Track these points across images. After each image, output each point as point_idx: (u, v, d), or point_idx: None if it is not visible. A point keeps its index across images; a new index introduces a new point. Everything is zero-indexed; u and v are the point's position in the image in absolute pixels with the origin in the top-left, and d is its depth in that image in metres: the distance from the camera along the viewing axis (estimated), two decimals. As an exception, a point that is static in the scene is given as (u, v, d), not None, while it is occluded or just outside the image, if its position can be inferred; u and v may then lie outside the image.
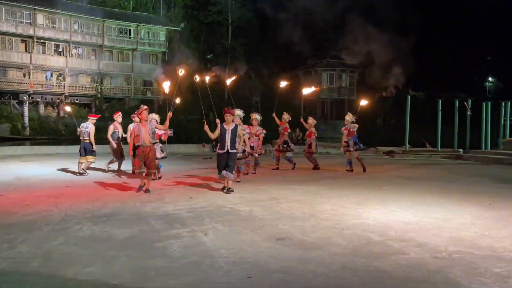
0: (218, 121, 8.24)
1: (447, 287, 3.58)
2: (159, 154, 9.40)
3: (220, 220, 5.86)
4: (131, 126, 9.39)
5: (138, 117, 8.33)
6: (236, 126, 8.15)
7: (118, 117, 11.15)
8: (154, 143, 8.37)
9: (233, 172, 8.20)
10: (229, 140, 7.97)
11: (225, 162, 7.99)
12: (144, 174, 8.02)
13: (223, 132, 8.02)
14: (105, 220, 5.83)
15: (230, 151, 7.97)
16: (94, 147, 10.55)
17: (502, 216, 6.20)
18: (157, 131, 8.62)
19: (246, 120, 10.34)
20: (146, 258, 4.29)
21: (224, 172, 7.97)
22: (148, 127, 8.04)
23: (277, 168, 11.98)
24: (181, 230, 5.35)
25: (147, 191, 7.94)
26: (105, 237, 5.05)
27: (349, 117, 11.78)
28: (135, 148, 7.92)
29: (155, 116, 9.54)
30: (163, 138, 10.07)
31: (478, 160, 15.17)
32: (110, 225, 5.59)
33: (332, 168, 12.43)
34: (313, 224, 5.70)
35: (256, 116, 11.03)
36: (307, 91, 11.59)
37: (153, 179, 8.86)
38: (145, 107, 8.27)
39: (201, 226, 5.55)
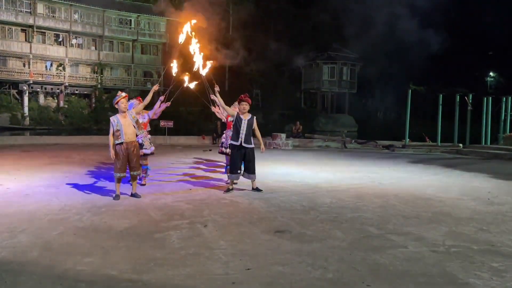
0: (212, 96, 7.78)
1: (444, 281, 3.60)
2: (148, 149, 7.83)
3: (219, 212, 5.87)
4: (111, 120, 6.85)
5: (115, 107, 6.73)
6: (252, 117, 7.40)
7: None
8: (139, 135, 7.16)
9: (255, 172, 7.40)
10: (244, 132, 7.22)
11: (241, 161, 7.33)
12: (120, 180, 6.70)
13: (238, 122, 7.30)
14: (104, 211, 5.85)
15: (244, 145, 7.23)
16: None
17: (500, 211, 6.22)
18: (144, 116, 7.48)
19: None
20: (145, 249, 4.30)
21: (246, 175, 7.37)
22: (129, 117, 6.66)
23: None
24: (180, 221, 5.36)
25: (136, 195, 6.78)
26: (105, 227, 5.07)
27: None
28: (116, 145, 6.59)
29: (134, 101, 7.70)
30: (159, 109, 8.12)
31: (478, 155, 15.17)
32: (109, 215, 5.61)
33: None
34: (312, 217, 5.71)
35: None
36: (192, 84, 8.46)
37: (142, 184, 7.72)
38: (124, 94, 6.82)
39: (200, 217, 5.56)
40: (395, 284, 3.52)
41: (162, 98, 8.04)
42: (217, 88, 7.76)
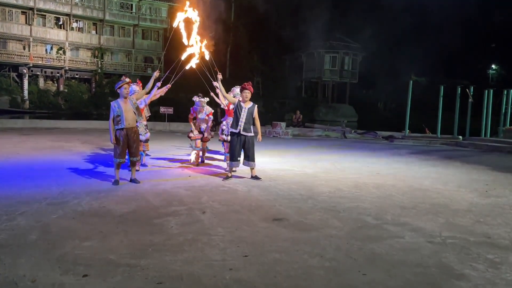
0: (215, 83, 7.82)
1: (440, 271, 3.62)
2: (143, 135, 7.74)
3: (218, 199, 5.89)
4: (112, 104, 6.75)
5: (117, 91, 6.69)
6: (253, 105, 7.38)
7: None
8: (139, 121, 7.09)
9: (254, 159, 7.46)
10: (243, 120, 7.22)
11: (240, 148, 7.34)
12: (120, 164, 6.74)
13: (239, 109, 7.27)
14: (103, 196, 5.87)
15: (243, 133, 7.26)
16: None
17: (498, 204, 6.24)
18: (140, 102, 7.36)
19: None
20: (143, 234, 4.33)
21: (245, 162, 7.41)
22: (130, 103, 6.68)
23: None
24: (179, 207, 5.39)
25: (135, 180, 6.81)
26: (103, 212, 5.09)
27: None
28: (116, 131, 6.60)
29: (135, 88, 7.83)
30: (160, 92, 8.27)
31: (477, 148, 15.18)
32: (108, 200, 5.63)
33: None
34: (310, 206, 5.74)
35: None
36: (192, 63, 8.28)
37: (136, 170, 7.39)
38: (127, 80, 6.83)
39: (199, 204, 5.58)
40: (391, 273, 3.55)
41: (159, 84, 8.05)
42: (219, 76, 7.74)
